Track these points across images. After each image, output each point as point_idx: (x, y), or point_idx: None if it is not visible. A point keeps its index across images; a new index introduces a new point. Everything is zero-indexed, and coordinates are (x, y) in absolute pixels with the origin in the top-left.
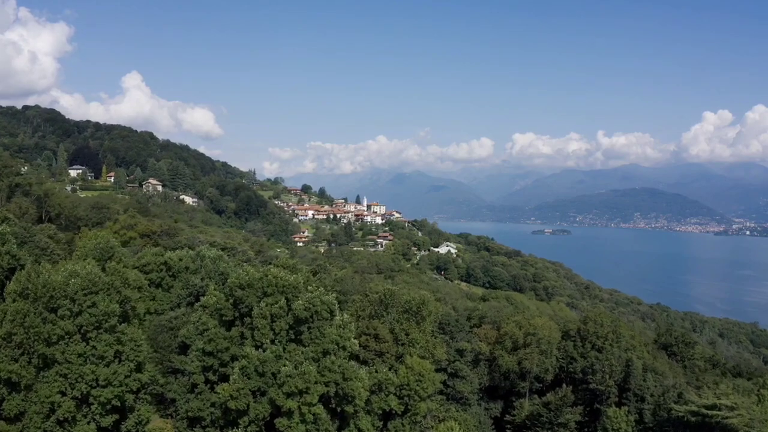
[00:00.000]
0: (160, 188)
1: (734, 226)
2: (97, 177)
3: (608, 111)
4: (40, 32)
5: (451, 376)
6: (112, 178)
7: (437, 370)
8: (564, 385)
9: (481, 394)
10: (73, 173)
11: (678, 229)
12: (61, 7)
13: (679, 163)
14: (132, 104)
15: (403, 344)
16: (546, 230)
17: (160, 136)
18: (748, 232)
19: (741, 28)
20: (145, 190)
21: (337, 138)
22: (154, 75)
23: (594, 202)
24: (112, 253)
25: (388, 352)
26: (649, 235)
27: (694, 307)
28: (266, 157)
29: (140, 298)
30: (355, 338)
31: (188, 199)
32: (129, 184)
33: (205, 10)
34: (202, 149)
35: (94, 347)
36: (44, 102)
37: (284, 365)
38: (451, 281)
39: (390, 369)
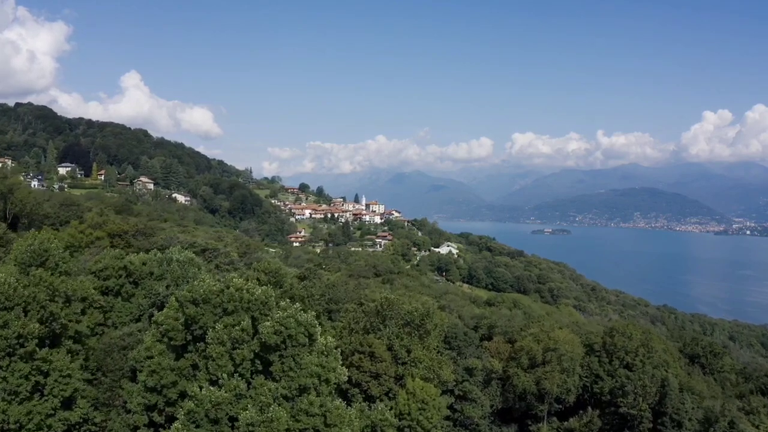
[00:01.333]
0: (151, 186)
1: (734, 226)
2: (87, 175)
3: (608, 111)
4: (39, 31)
5: (458, 398)
6: (103, 176)
7: (443, 392)
8: (589, 409)
9: (492, 418)
10: (62, 171)
11: (678, 228)
12: (60, 6)
13: (679, 163)
14: (131, 104)
15: (403, 363)
16: (546, 230)
17: (158, 135)
18: (748, 232)
19: (741, 28)
20: (136, 189)
21: (337, 138)
22: (153, 75)
23: (594, 201)
24: (45, 257)
25: (385, 374)
26: (649, 234)
27: (696, 308)
28: (266, 156)
29: (85, 310)
30: (344, 363)
31: (180, 198)
32: (120, 182)
33: (205, 10)
34: (201, 149)
35: (5, 379)
36: (42, 101)
37: (245, 408)
38: (453, 283)
39: (388, 393)
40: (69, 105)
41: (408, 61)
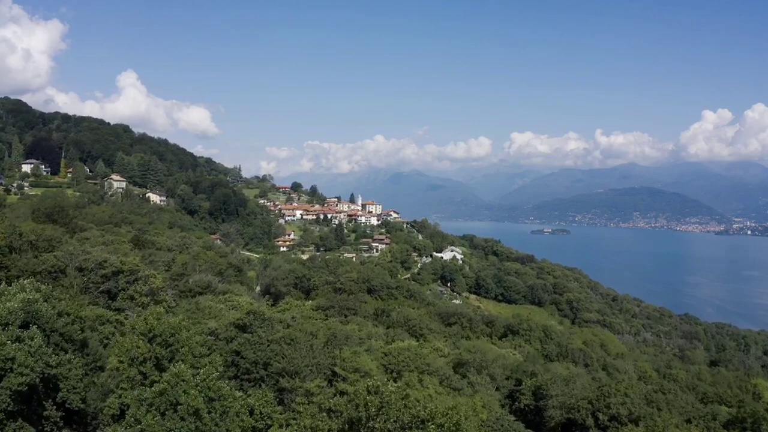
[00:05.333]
0: (123, 185)
1: (735, 226)
2: (55, 172)
3: (606, 110)
4: (34, 30)
5: None
6: (72, 173)
7: None
8: None
9: None
10: (26, 168)
11: (678, 228)
12: (57, 4)
13: (678, 162)
14: (128, 103)
15: None
16: (545, 230)
17: (156, 135)
18: (749, 232)
19: (741, 28)
20: (107, 187)
21: (335, 137)
22: (151, 74)
23: (593, 201)
24: None
25: None
26: (650, 234)
27: (705, 311)
28: (264, 156)
29: None
30: None
31: (155, 197)
32: (89, 181)
33: (204, 9)
34: (199, 148)
35: None
36: (39, 100)
37: None
38: (459, 294)
39: None
40: (65, 104)
41: (407, 60)
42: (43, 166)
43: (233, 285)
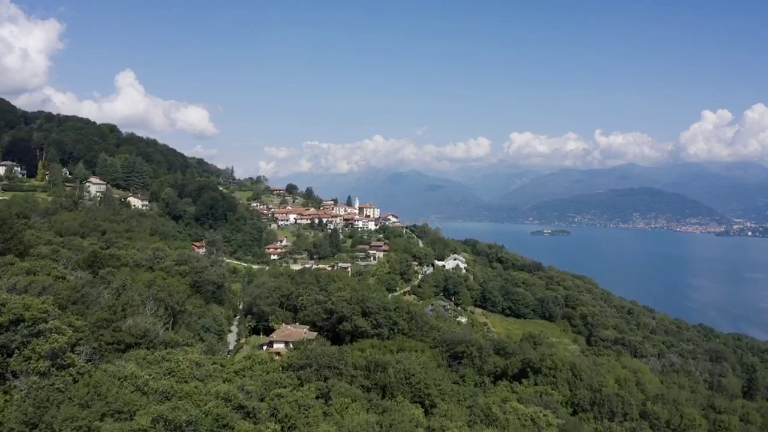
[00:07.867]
0: (103, 188)
1: (735, 227)
2: (32, 174)
3: (606, 110)
4: (32, 29)
5: None
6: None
7: None
8: None
9: None
10: (1, 170)
11: (678, 229)
12: (55, 4)
13: (677, 163)
14: (126, 103)
15: None
16: (545, 231)
17: (154, 135)
18: (750, 233)
19: (741, 28)
20: (85, 191)
21: (334, 137)
22: (151, 74)
23: (592, 201)
24: None
25: None
26: (650, 235)
27: (709, 314)
28: (263, 156)
29: None
30: None
31: (137, 202)
32: (68, 184)
33: (203, 9)
34: (198, 148)
35: None
36: (36, 100)
37: None
38: (464, 309)
39: None
40: (63, 103)
41: (407, 60)
42: (18, 168)
43: (182, 336)
